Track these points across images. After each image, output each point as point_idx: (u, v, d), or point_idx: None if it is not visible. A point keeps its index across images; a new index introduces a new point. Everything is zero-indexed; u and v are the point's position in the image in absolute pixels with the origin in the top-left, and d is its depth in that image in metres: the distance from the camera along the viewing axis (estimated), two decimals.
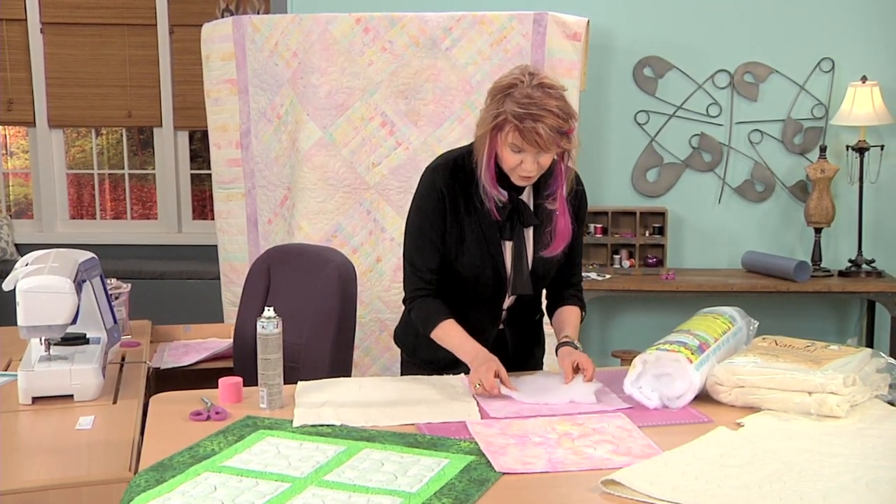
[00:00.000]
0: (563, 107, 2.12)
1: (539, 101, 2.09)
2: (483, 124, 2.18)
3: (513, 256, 2.30)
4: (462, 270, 2.30)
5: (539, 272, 2.34)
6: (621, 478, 1.66)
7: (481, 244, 2.28)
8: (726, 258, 4.57)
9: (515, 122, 2.10)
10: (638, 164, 4.52)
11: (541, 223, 2.29)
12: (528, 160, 2.14)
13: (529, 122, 2.08)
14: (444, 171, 2.29)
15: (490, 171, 2.21)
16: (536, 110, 2.08)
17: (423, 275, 2.32)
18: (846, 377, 2.03)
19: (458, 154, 2.32)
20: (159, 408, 2.15)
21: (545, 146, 2.11)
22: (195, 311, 4.48)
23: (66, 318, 2.37)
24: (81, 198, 5.62)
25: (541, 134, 2.08)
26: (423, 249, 2.31)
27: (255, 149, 4.16)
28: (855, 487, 1.66)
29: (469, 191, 2.27)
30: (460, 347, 2.28)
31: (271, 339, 2.12)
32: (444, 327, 2.30)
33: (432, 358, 2.41)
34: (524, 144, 2.11)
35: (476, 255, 2.28)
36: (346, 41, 3.91)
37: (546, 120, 2.08)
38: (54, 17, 5.21)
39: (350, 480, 1.68)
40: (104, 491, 1.89)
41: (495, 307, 2.38)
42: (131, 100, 5.27)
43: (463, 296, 2.34)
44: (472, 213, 2.27)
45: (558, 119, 2.10)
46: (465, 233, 2.28)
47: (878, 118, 4.20)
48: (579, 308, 2.45)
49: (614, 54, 4.45)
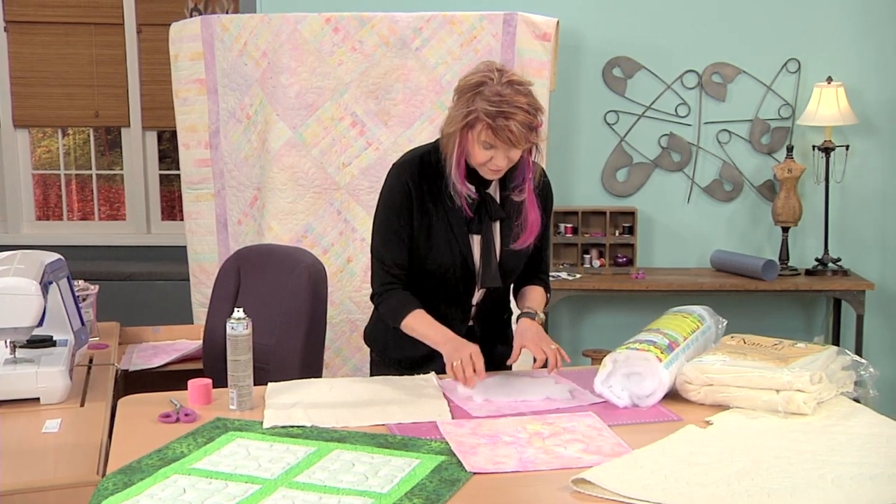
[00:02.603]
0: (532, 102, 2.16)
1: (509, 98, 2.12)
2: (453, 122, 2.19)
3: (481, 250, 2.31)
4: (431, 265, 2.31)
5: (507, 266, 2.35)
6: (592, 477, 1.67)
7: (449, 238, 2.29)
8: (695, 257, 4.60)
9: (488, 120, 2.12)
10: (608, 163, 4.54)
11: (508, 216, 2.31)
12: (499, 156, 2.17)
13: (502, 120, 2.11)
14: (411, 167, 2.30)
15: (460, 169, 2.22)
16: (508, 108, 2.11)
17: (390, 269, 2.34)
18: (813, 375, 2.05)
19: (424, 150, 2.34)
20: (128, 410, 2.13)
21: (517, 142, 2.14)
22: (164, 313, 4.44)
23: (31, 320, 2.35)
24: (48, 198, 5.55)
25: (513, 131, 2.11)
26: (391, 244, 2.32)
27: (224, 149, 4.13)
28: (821, 484, 1.68)
29: (436, 186, 2.28)
30: (431, 334, 2.29)
31: (241, 341, 2.11)
32: (414, 316, 2.30)
33: (402, 356, 2.41)
34: (496, 141, 2.14)
35: (444, 249, 2.29)
36: (315, 41, 3.90)
37: (517, 117, 2.11)
38: (19, 16, 5.13)
39: (321, 481, 1.68)
40: (71, 494, 1.88)
41: (465, 302, 2.38)
42: (98, 100, 5.21)
43: (432, 291, 2.35)
44: (439, 208, 2.29)
45: (528, 115, 2.13)
46: (432, 227, 2.29)
47: (843, 119, 4.25)
48: (543, 288, 2.49)
49: (584, 54, 4.47)
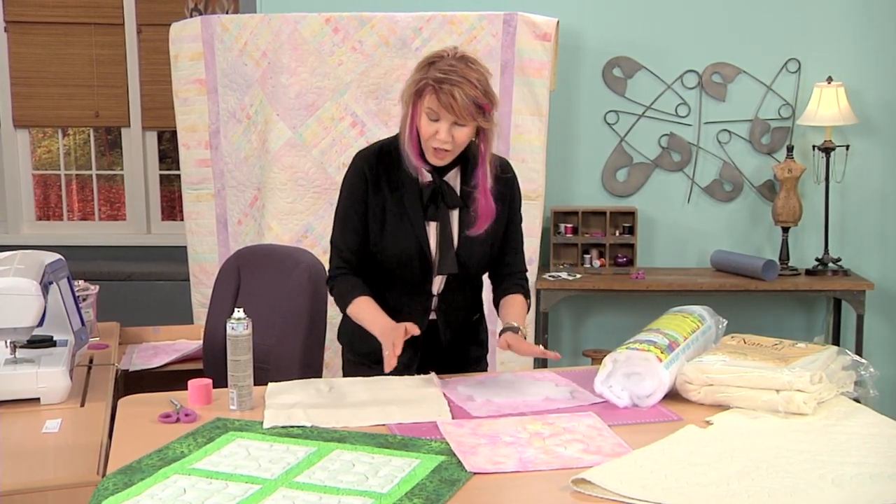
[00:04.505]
0: (482, 81, 2.19)
1: (460, 70, 2.18)
2: (406, 93, 2.25)
3: (437, 237, 2.33)
4: (387, 250, 2.33)
5: (465, 254, 2.35)
6: (592, 477, 1.67)
7: (405, 225, 2.32)
8: (695, 257, 4.60)
9: (434, 85, 2.17)
10: (608, 163, 4.54)
11: (466, 206, 2.32)
12: (444, 129, 2.19)
13: (447, 86, 2.16)
14: (370, 156, 2.36)
15: (413, 141, 2.26)
16: (456, 77, 2.16)
17: (342, 254, 2.38)
18: (813, 375, 2.05)
19: (386, 141, 2.39)
20: (128, 410, 2.13)
21: (459, 113, 2.16)
22: (164, 313, 4.44)
23: (32, 320, 2.35)
24: (48, 199, 5.55)
25: (456, 98, 2.15)
26: (344, 230, 2.37)
27: (224, 149, 4.14)
28: (821, 484, 1.68)
29: (393, 174, 2.32)
30: (373, 322, 2.29)
31: (241, 341, 2.11)
32: (358, 303, 2.33)
33: (369, 350, 2.36)
34: (440, 109, 2.17)
35: (400, 235, 2.32)
36: (315, 41, 3.90)
37: (463, 87, 2.15)
38: (19, 16, 5.13)
39: (321, 481, 1.68)
40: (71, 495, 1.88)
41: (424, 291, 2.39)
42: (98, 100, 5.21)
43: (392, 280, 2.37)
44: (396, 195, 2.32)
45: (475, 89, 2.17)
46: (388, 214, 2.32)
47: (844, 118, 4.25)
48: (522, 295, 2.45)
49: (584, 54, 4.47)
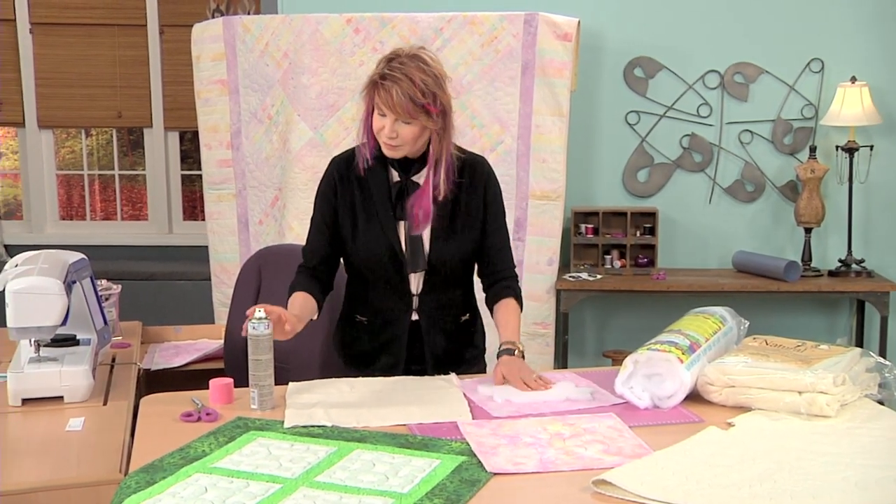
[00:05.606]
0: (426, 81, 2.21)
1: (405, 68, 2.20)
2: (363, 88, 2.29)
3: (406, 235, 2.35)
4: (360, 250, 2.37)
5: (436, 253, 2.36)
6: (612, 478, 1.66)
7: (375, 224, 2.35)
8: (717, 258, 4.57)
9: (378, 81, 2.21)
10: (629, 164, 4.53)
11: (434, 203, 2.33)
12: (388, 125, 2.22)
13: (388, 82, 2.19)
14: (341, 161, 2.40)
15: (369, 134, 2.30)
16: (398, 74, 2.19)
17: (305, 255, 2.44)
18: (836, 377, 2.03)
19: (360, 144, 2.41)
20: (150, 409, 2.14)
21: (394, 109, 2.19)
22: (186, 312, 4.46)
23: (55, 319, 2.37)
24: (71, 199, 5.60)
25: (392, 95, 2.18)
26: (311, 231, 2.43)
27: (245, 149, 4.15)
28: (844, 487, 1.66)
29: (364, 175, 2.35)
30: None
31: (262, 340, 2.11)
32: (291, 299, 2.36)
33: (358, 351, 2.47)
34: (380, 104, 2.22)
35: (370, 235, 2.35)
36: (336, 42, 3.91)
37: (402, 84, 2.18)
38: (43, 18, 5.18)
39: (341, 481, 1.68)
40: (94, 493, 1.89)
41: (403, 290, 2.39)
42: (121, 100, 5.25)
43: (371, 281, 2.40)
44: (365, 196, 2.35)
45: (415, 88, 2.18)
46: (358, 215, 2.36)
47: (867, 118, 4.21)
48: (514, 298, 2.41)
49: (605, 55, 4.45)
